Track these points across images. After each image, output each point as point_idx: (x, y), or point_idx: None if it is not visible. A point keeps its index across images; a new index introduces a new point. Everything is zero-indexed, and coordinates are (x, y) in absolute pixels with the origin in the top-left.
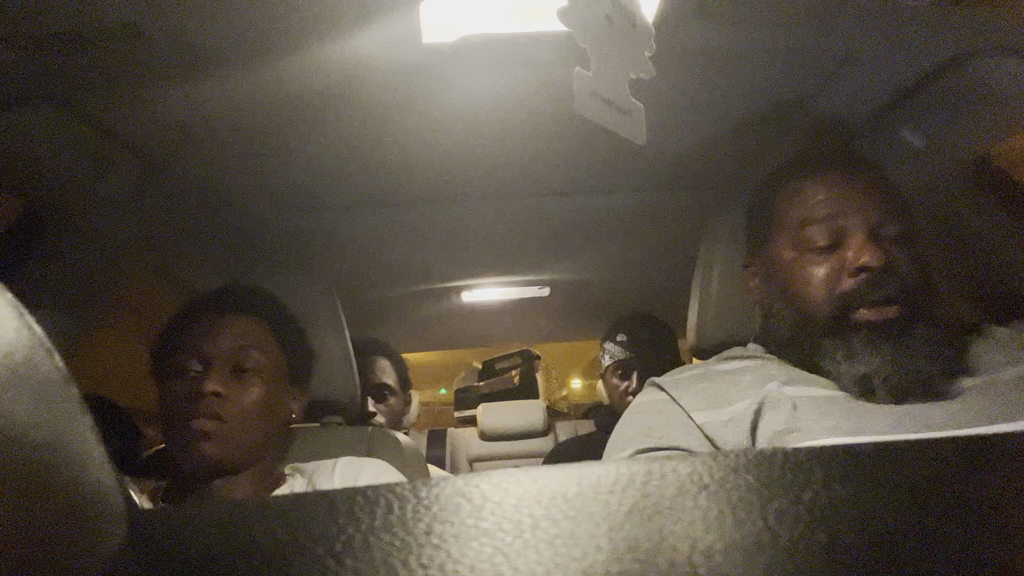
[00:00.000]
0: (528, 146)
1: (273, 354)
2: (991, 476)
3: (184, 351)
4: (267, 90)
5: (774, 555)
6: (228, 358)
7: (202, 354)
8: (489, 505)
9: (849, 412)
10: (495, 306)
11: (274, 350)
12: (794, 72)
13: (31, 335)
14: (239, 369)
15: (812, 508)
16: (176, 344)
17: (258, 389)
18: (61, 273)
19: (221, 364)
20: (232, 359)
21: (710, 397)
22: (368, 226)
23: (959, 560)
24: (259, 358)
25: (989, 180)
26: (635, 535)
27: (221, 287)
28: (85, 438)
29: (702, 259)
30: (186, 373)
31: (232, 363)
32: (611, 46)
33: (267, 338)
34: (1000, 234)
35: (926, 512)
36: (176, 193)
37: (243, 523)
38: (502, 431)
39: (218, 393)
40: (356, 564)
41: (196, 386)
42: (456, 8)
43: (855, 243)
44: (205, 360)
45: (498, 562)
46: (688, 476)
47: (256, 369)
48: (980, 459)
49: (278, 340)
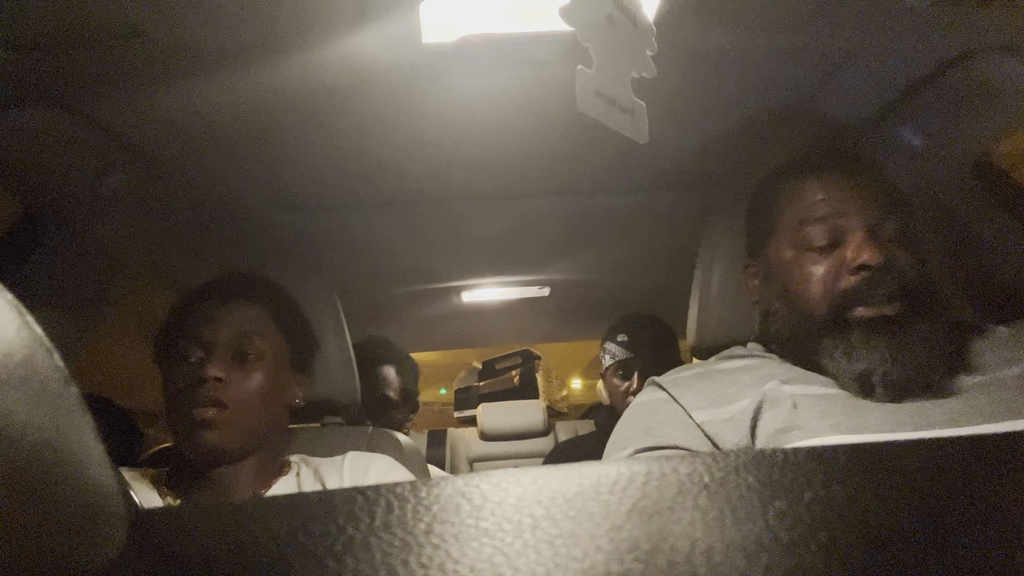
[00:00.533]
0: (528, 146)
1: (275, 340)
2: (991, 476)
3: (185, 338)
4: (267, 90)
5: (774, 555)
6: (229, 344)
7: (203, 340)
8: (489, 505)
9: (849, 410)
10: (495, 306)
11: (276, 336)
12: (794, 72)
13: (31, 335)
14: (241, 355)
15: (812, 508)
16: (178, 331)
17: (260, 375)
18: (61, 273)
19: (222, 350)
20: (233, 345)
21: (710, 396)
22: (368, 226)
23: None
24: (260, 344)
25: (989, 180)
26: (635, 535)
27: (222, 275)
28: (85, 438)
29: (702, 259)
30: (188, 359)
31: (233, 349)
32: (613, 45)
33: (268, 324)
34: (1000, 234)
35: (926, 512)
36: (176, 193)
37: (243, 523)
38: (502, 431)
39: (219, 378)
40: (356, 564)
41: (197, 372)
42: (456, 8)
43: (854, 242)
44: (206, 346)
45: (498, 562)
46: (688, 476)
47: (258, 355)
48: (980, 459)
49: (280, 326)
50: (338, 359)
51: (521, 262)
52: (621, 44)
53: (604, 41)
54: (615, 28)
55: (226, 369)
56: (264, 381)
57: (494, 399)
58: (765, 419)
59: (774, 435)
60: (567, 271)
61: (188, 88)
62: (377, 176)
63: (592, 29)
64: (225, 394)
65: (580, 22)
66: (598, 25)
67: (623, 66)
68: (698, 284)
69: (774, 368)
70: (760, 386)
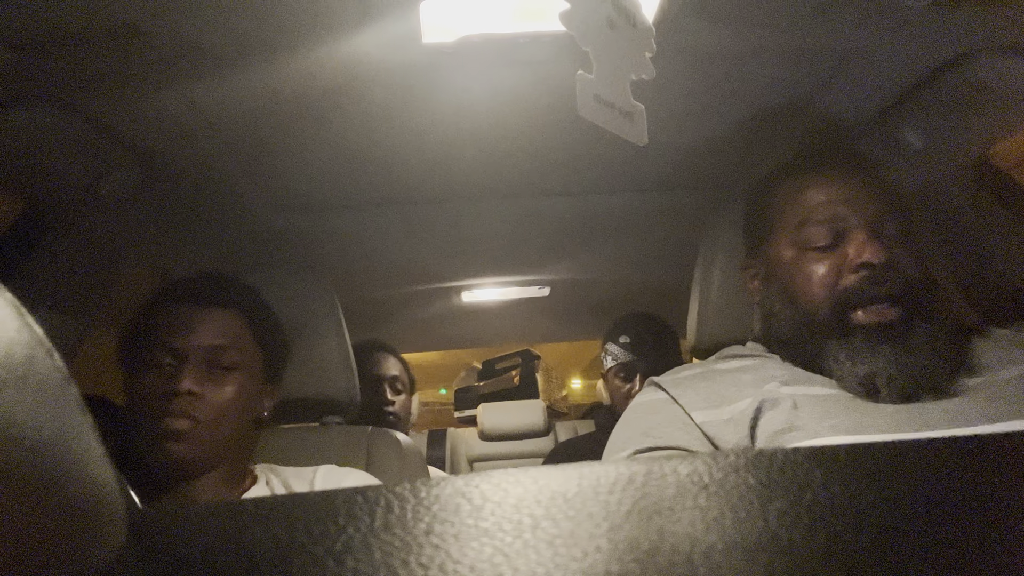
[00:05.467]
0: (528, 146)
1: (250, 351)
2: (991, 476)
3: (158, 344)
4: (267, 90)
5: (774, 555)
6: (204, 355)
7: (177, 349)
8: (489, 505)
9: (849, 411)
10: (495, 306)
11: (251, 347)
12: (794, 72)
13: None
14: (215, 366)
15: (812, 508)
16: (149, 335)
17: (233, 388)
18: (61, 273)
19: (197, 361)
20: (208, 356)
21: (710, 396)
22: (368, 226)
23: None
24: (236, 356)
25: (989, 180)
26: (635, 535)
27: (197, 275)
28: (85, 438)
29: (702, 259)
30: (159, 367)
31: (208, 360)
32: (612, 48)
33: (244, 334)
34: (1000, 234)
35: (926, 512)
36: (176, 193)
37: (243, 523)
38: (502, 431)
39: (193, 392)
40: (356, 564)
41: (170, 383)
42: (456, 8)
43: (856, 240)
44: (180, 356)
45: (498, 562)
46: (688, 476)
47: (232, 367)
48: (980, 459)
49: (255, 336)
50: (338, 359)
51: (521, 262)
52: (620, 47)
53: (603, 45)
54: (614, 31)
55: (200, 382)
56: (237, 394)
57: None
58: (765, 420)
59: (774, 436)
60: (567, 271)
61: (188, 88)
62: (377, 176)
63: (591, 33)
64: (197, 408)
65: (579, 26)
66: (597, 29)
67: (622, 69)
68: (698, 284)
69: (774, 369)
70: (760, 387)
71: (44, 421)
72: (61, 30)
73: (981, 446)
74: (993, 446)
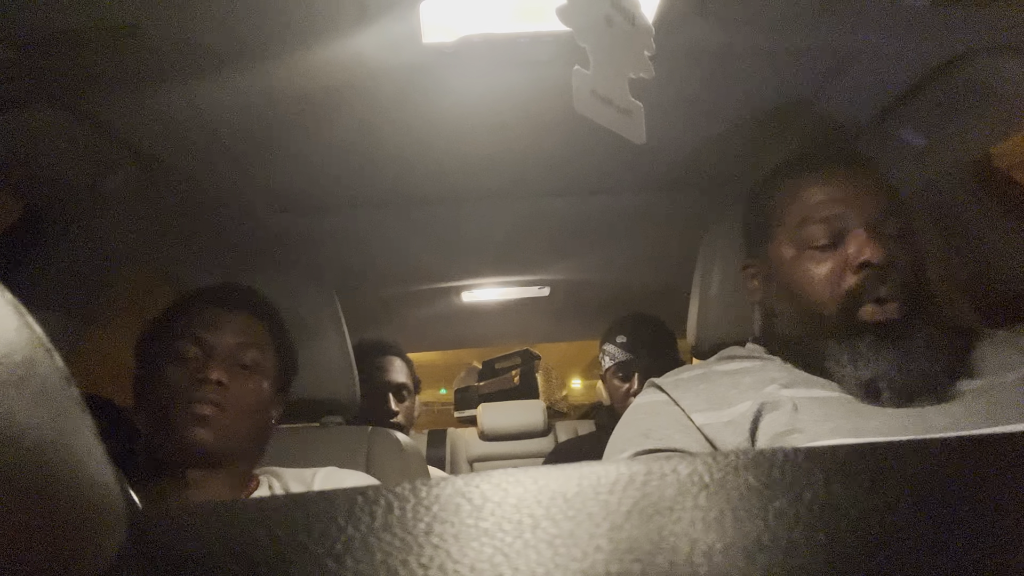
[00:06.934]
0: (528, 146)
1: (269, 357)
2: (991, 476)
3: (188, 337)
4: (267, 90)
5: (774, 555)
6: (230, 351)
7: (205, 343)
8: (489, 505)
9: (850, 414)
10: (495, 306)
11: (270, 353)
12: (794, 72)
13: (31, 335)
14: (239, 363)
15: (812, 508)
16: (177, 331)
17: (253, 386)
18: (61, 273)
19: (223, 355)
20: (234, 353)
21: (710, 398)
22: (368, 226)
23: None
24: (258, 357)
25: (989, 180)
26: (635, 535)
27: (224, 283)
28: (85, 438)
29: (702, 259)
30: (186, 359)
31: (233, 357)
32: (611, 45)
33: (266, 340)
34: (1000, 234)
35: (926, 512)
36: (175, 193)
37: (243, 523)
38: (502, 431)
39: (221, 382)
40: (356, 564)
41: (198, 372)
42: (456, 8)
43: (857, 240)
44: (208, 349)
45: (498, 562)
46: (688, 476)
47: (254, 367)
48: (980, 459)
49: (274, 344)
50: (338, 359)
51: (521, 262)
52: (619, 45)
53: (601, 42)
54: (613, 28)
55: (227, 374)
56: (257, 393)
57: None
58: (765, 422)
59: (774, 438)
60: (567, 271)
61: (188, 88)
62: (377, 176)
63: (589, 29)
64: (224, 398)
65: (577, 22)
66: (595, 26)
67: (621, 67)
68: (698, 284)
69: (775, 371)
70: (761, 389)
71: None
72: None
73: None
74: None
